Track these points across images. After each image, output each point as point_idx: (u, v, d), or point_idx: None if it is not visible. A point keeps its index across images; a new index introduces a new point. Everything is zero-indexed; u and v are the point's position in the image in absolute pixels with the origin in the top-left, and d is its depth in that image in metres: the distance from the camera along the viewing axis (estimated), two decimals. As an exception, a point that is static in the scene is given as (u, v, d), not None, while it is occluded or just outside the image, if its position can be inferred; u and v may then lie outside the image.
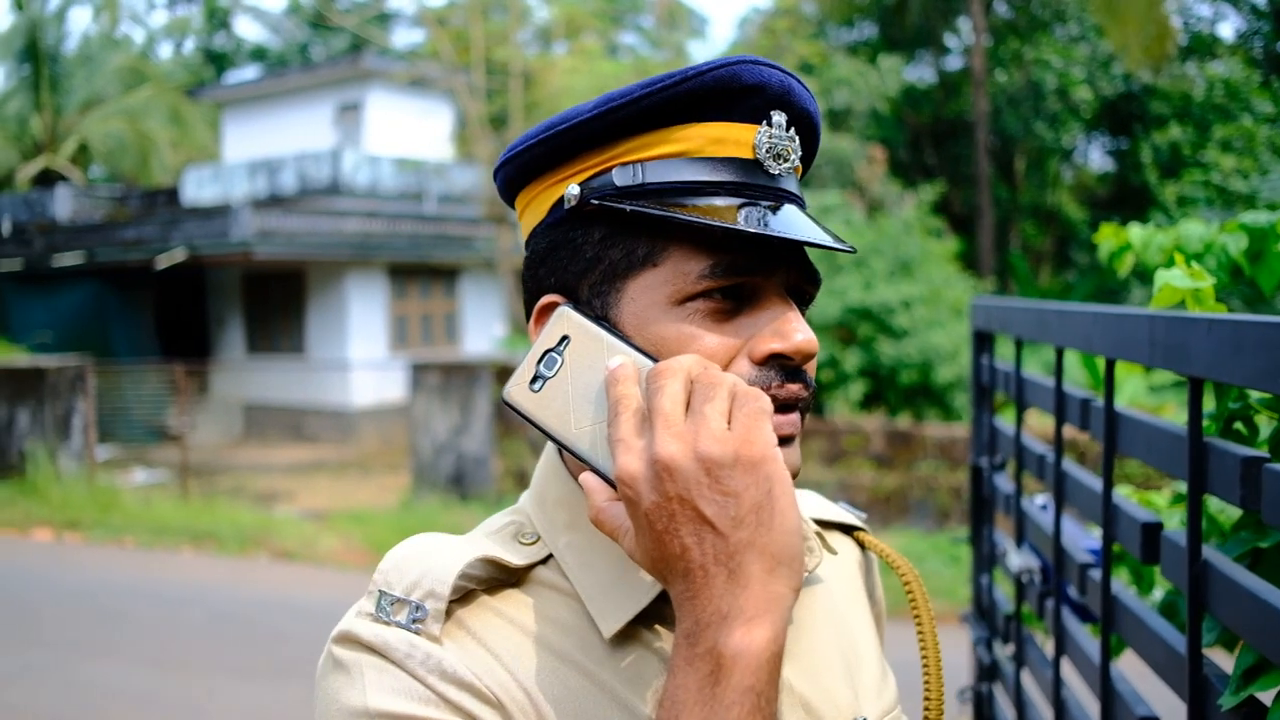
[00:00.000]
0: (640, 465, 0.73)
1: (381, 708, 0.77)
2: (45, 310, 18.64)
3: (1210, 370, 1.07)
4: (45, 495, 11.52)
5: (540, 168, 0.90)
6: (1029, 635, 2.04)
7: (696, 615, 0.71)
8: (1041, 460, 1.90)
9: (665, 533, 0.72)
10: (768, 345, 0.84)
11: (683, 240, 0.84)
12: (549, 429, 0.84)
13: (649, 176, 0.85)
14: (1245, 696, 1.07)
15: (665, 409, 0.74)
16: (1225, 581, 1.09)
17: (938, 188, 18.11)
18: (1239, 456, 1.05)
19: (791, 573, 0.72)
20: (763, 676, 0.69)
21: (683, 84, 0.84)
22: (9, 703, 5.85)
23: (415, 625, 0.81)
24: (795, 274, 0.88)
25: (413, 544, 0.87)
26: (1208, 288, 1.26)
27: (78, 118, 26.11)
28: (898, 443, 10.60)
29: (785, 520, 0.72)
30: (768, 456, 0.72)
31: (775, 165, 0.87)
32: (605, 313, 0.87)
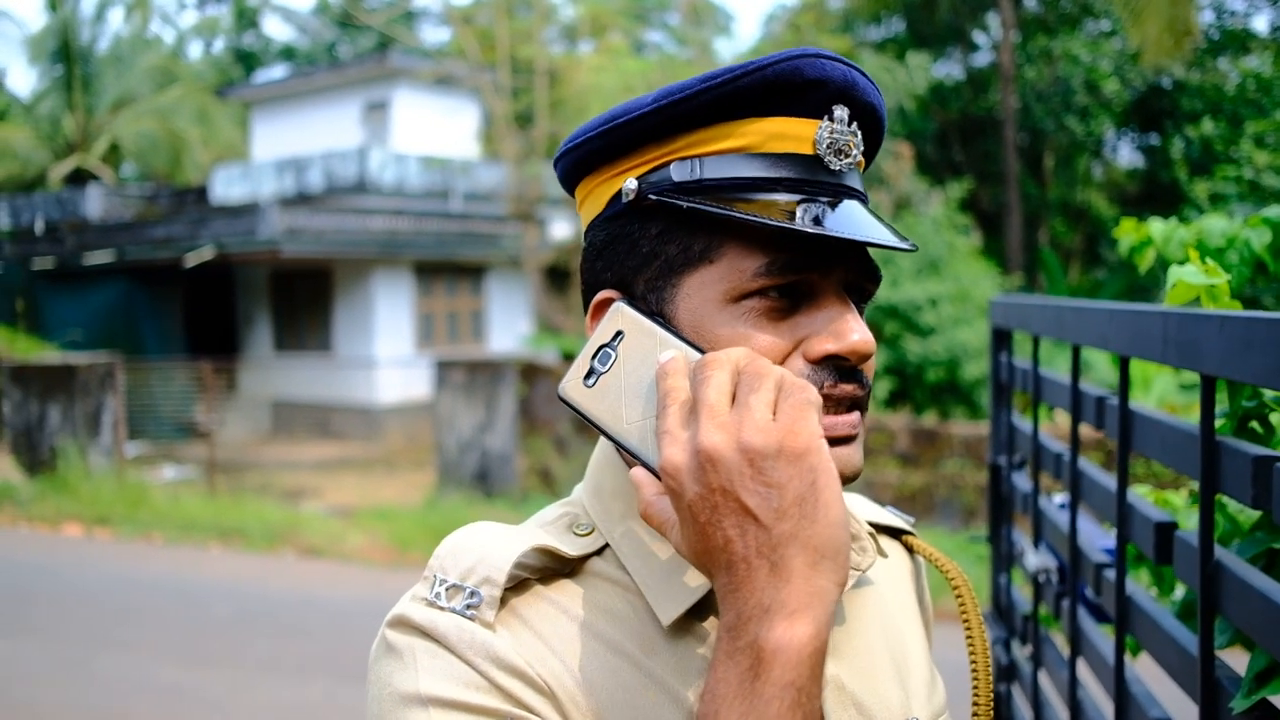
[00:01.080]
0: (684, 456, 0.73)
1: (434, 693, 0.77)
2: (76, 308, 18.85)
3: (1222, 368, 1.05)
4: (75, 491, 11.64)
5: (599, 160, 0.90)
6: (1046, 636, 2.02)
7: (738, 608, 0.70)
8: (1059, 459, 1.88)
9: (708, 524, 0.71)
10: (823, 345, 0.83)
11: (739, 237, 0.84)
12: (601, 423, 0.84)
13: (707, 172, 0.84)
14: (1257, 700, 1.05)
15: (710, 400, 0.73)
16: (1237, 583, 1.07)
17: (965, 185, 18.00)
18: (1250, 455, 1.03)
19: (836, 566, 0.71)
20: (804, 672, 0.68)
21: (743, 78, 0.83)
22: (36, 696, 5.91)
23: (470, 611, 0.81)
24: (854, 272, 0.87)
25: (469, 531, 0.87)
26: (1223, 284, 1.24)
27: (109, 117, 26.35)
28: (923, 441, 10.54)
29: (829, 513, 0.70)
30: (812, 448, 0.71)
31: (837, 161, 0.85)
32: (660, 308, 0.86)
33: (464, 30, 18.18)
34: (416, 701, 0.77)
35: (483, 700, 0.77)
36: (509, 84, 17.14)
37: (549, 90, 17.03)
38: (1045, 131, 22.77)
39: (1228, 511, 1.50)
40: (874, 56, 22.02)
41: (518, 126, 17.43)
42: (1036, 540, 2.06)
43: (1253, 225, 2.10)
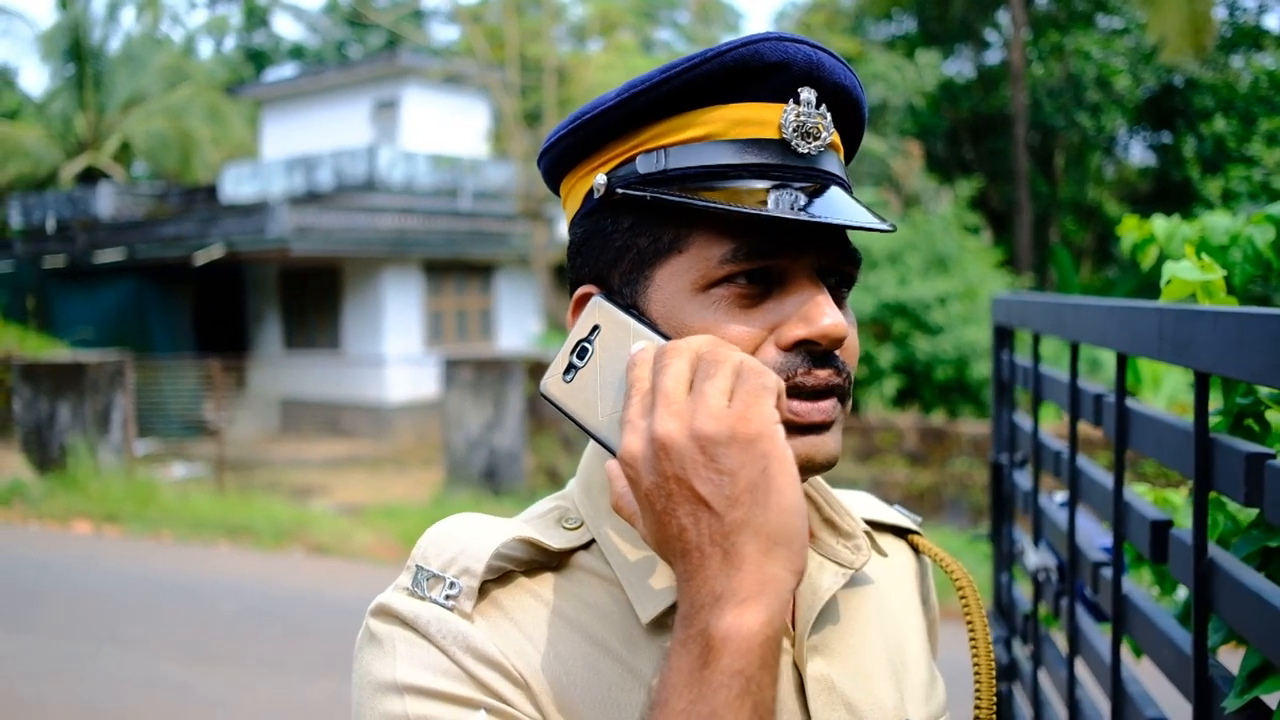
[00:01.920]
0: (641, 445, 0.72)
1: (410, 681, 0.78)
2: (87, 306, 18.92)
3: (1216, 365, 1.05)
4: (85, 489, 11.68)
5: (573, 158, 0.90)
6: (1046, 635, 2.01)
7: (692, 596, 0.70)
8: (1059, 457, 1.87)
9: (664, 513, 0.71)
10: (794, 331, 0.82)
11: (706, 226, 0.83)
12: (579, 418, 0.84)
13: (672, 162, 0.83)
14: (1250, 699, 1.04)
15: (666, 388, 0.73)
16: (1230, 581, 1.06)
17: (975, 183, 17.95)
18: (1243, 453, 1.02)
19: (790, 554, 0.69)
20: (753, 660, 0.67)
21: (702, 66, 0.82)
22: (45, 693, 5.93)
23: (449, 601, 0.81)
24: (828, 255, 0.85)
25: (452, 522, 0.88)
26: (1218, 280, 1.23)
27: (120, 116, 26.44)
28: (931, 439, 10.52)
29: (783, 499, 0.69)
30: (764, 434, 0.70)
31: (805, 144, 0.84)
32: (635, 301, 0.86)
33: (473, 29, 18.21)
34: (394, 689, 0.78)
35: (457, 689, 0.77)
36: (518, 82, 17.16)
37: (558, 89, 17.04)
38: (1056, 129, 22.69)
39: (1228, 510, 1.49)
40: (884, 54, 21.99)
41: (527, 125, 17.44)
42: (1036, 539, 2.05)
43: (1256, 222, 2.08)
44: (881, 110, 20.70)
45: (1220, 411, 1.23)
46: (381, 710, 0.78)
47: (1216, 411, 1.24)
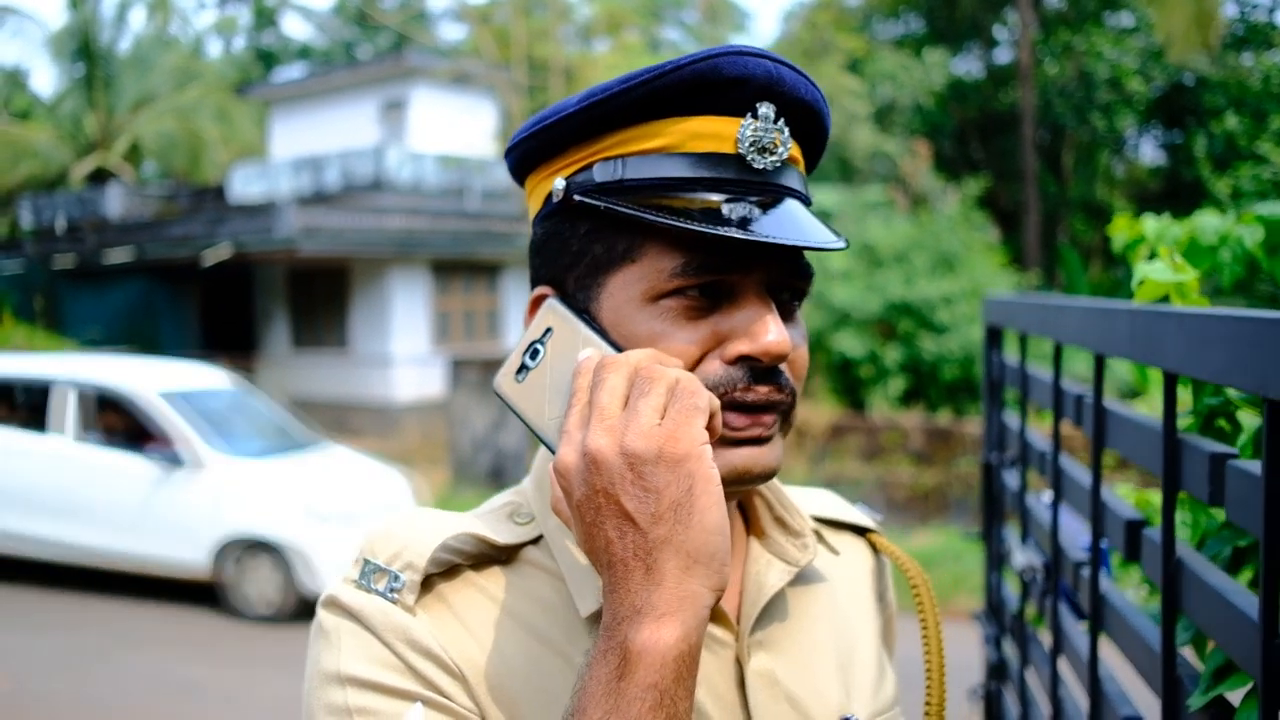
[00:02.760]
0: (574, 457, 0.74)
1: (353, 672, 0.80)
2: (96, 306, 19.00)
3: (1182, 365, 1.05)
4: (93, 487, 11.71)
5: (535, 160, 0.92)
6: (1033, 634, 2.02)
7: (614, 608, 0.72)
8: (1044, 457, 1.88)
9: (592, 525, 0.73)
10: (738, 346, 0.84)
11: (659, 238, 0.84)
12: (526, 418, 0.86)
13: (629, 172, 0.85)
14: (1213, 697, 1.05)
15: (602, 403, 0.75)
16: (1197, 581, 1.07)
17: (982, 182, 17.92)
18: (1207, 453, 1.03)
19: (709, 572, 0.72)
20: (668, 674, 0.69)
21: (661, 79, 0.83)
22: (55, 690, 5.97)
23: (392, 594, 0.83)
24: (779, 270, 0.87)
25: (402, 517, 0.89)
26: (1191, 280, 1.23)
27: (130, 116, 26.52)
28: (937, 439, 10.51)
29: (705, 519, 0.71)
30: (691, 454, 0.72)
31: (761, 159, 0.85)
32: (588, 305, 0.87)
33: (480, 29, 18.23)
34: (336, 680, 0.80)
35: (396, 681, 0.80)
36: (525, 82, 17.17)
37: (565, 88, 17.05)
38: (1066, 128, 22.63)
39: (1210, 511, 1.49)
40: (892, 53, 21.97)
41: (534, 125, 17.44)
42: (1023, 538, 2.06)
43: (1245, 222, 2.09)
44: (889, 109, 20.67)
45: (1191, 411, 1.23)
46: (325, 700, 0.80)
47: (1189, 412, 1.25)
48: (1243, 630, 0.93)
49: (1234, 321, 0.92)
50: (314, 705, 0.81)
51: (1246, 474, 0.94)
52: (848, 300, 12.81)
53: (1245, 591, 0.99)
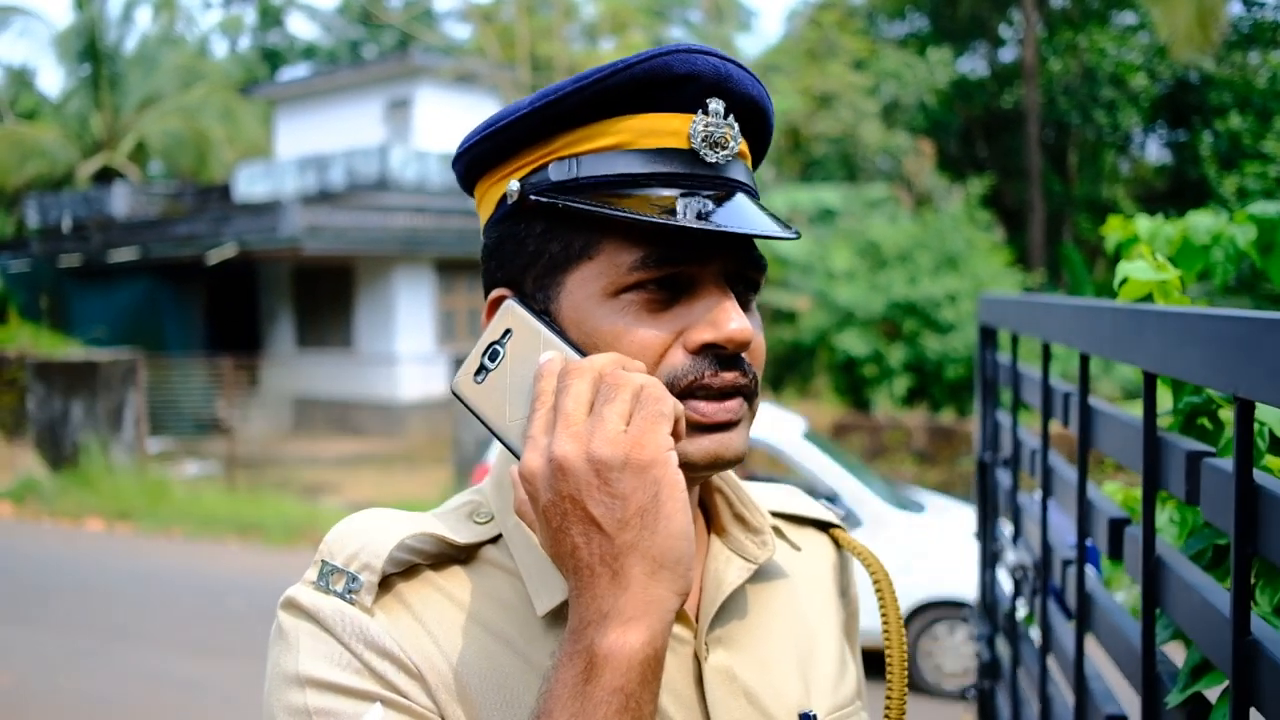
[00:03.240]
0: (540, 463, 0.75)
1: (312, 674, 0.80)
2: (102, 305, 19.03)
3: (1160, 364, 1.06)
4: (98, 486, 11.76)
5: (487, 164, 0.92)
6: (1024, 632, 2.02)
7: (580, 613, 0.73)
8: (1035, 455, 1.88)
9: (559, 530, 0.74)
10: (700, 335, 0.85)
11: (615, 233, 0.85)
12: (487, 420, 0.86)
13: (584, 170, 0.85)
14: (1191, 694, 1.05)
15: (567, 409, 0.75)
16: (1174, 578, 1.08)
17: (987, 181, 17.89)
18: (1184, 451, 1.04)
19: (674, 577, 0.73)
20: (634, 678, 0.70)
21: (611, 77, 0.84)
22: (57, 686, 5.99)
23: (350, 595, 0.83)
24: (734, 261, 0.88)
25: (360, 517, 0.90)
26: (1173, 280, 1.24)
27: (135, 116, 26.55)
28: (940, 438, 10.50)
29: (670, 524, 0.72)
30: (658, 460, 0.73)
31: (713, 154, 0.86)
32: (547, 305, 0.88)
33: (485, 28, 18.24)
34: (296, 682, 0.81)
35: (355, 682, 0.80)
36: (530, 81, 17.18)
37: (569, 88, 17.05)
38: (1071, 127, 22.59)
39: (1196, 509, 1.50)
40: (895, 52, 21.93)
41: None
42: (1015, 537, 2.06)
43: (1239, 222, 2.09)
44: (893, 108, 20.64)
45: (1173, 411, 1.24)
46: (285, 702, 0.81)
47: (1173, 411, 1.25)
48: (1216, 627, 0.94)
49: (1206, 320, 0.92)
50: (274, 706, 0.82)
51: (1220, 472, 0.94)
52: (851, 300, 12.80)
53: (1220, 589, 1.00)
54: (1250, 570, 0.87)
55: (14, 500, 11.73)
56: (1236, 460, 0.87)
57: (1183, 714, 1.06)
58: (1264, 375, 0.79)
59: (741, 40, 29.29)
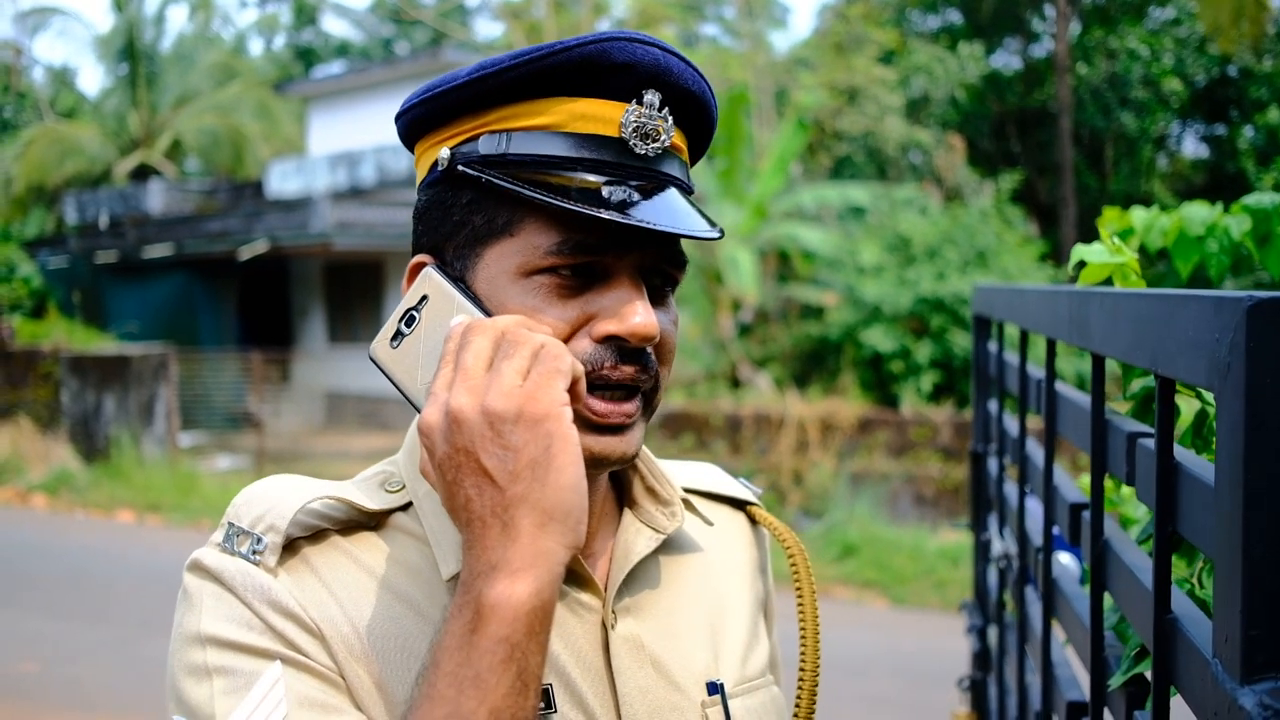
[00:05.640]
0: (438, 416, 0.76)
1: (213, 632, 0.82)
2: (137, 300, 19.29)
3: (1102, 345, 1.06)
4: (129, 479, 11.93)
5: (424, 127, 0.93)
6: (1010, 622, 2.01)
7: (471, 564, 0.74)
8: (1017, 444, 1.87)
9: (453, 483, 0.75)
10: (606, 326, 0.86)
11: (538, 214, 0.85)
12: (400, 383, 0.88)
13: (514, 147, 0.86)
14: (1132, 676, 1.05)
15: (467, 364, 0.77)
16: (1117, 561, 1.07)
17: (1017, 176, 17.73)
18: (1125, 432, 1.03)
19: (565, 529, 0.74)
20: (519, 628, 0.71)
21: (549, 58, 0.85)
22: (79, 677, 6.09)
23: (255, 556, 0.85)
24: (653, 255, 0.88)
25: (268, 482, 0.91)
26: (1130, 262, 1.23)
27: (172, 114, 26.84)
28: (966, 434, 10.42)
29: (561, 477, 0.74)
30: (551, 414, 0.74)
31: (643, 145, 0.87)
32: (464, 275, 0.89)
33: (515, 25, 18.31)
34: (197, 641, 0.82)
35: (255, 640, 0.81)
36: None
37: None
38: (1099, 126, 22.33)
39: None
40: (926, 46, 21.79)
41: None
42: (1001, 527, 2.05)
43: (1234, 213, 2.07)
44: (923, 103, 20.51)
45: (1126, 395, 1.23)
46: (187, 661, 0.82)
47: (1125, 395, 1.25)
48: (1146, 606, 0.94)
49: (1134, 300, 0.92)
50: (175, 667, 0.83)
51: (1149, 451, 0.94)
52: (878, 295, 12.73)
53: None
54: (1169, 547, 0.87)
55: (48, 492, 11.91)
56: (1158, 438, 0.86)
57: (1125, 696, 1.05)
58: (1178, 352, 0.79)
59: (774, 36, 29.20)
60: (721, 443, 11.63)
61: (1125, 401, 1.25)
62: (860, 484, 10.36)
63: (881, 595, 8.41)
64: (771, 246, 14.26)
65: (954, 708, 2.45)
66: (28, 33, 29.75)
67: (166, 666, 0.86)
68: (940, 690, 6.09)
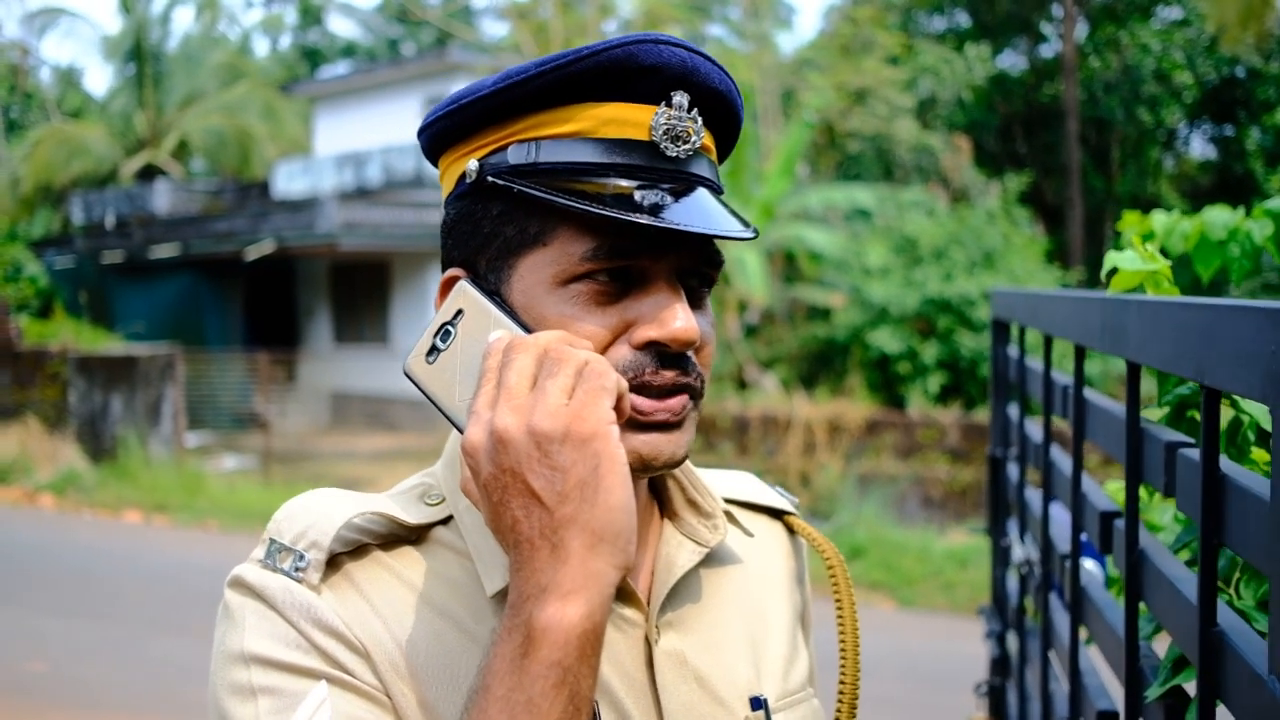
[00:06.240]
0: (482, 436, 0.75)
1: (257, 651, 0.80)
2: (143, 300, 19.32)
3: (1139, 354, 1.05)
4: (136, 479, 11.94)
5: (449, 140, 0.91)
6: (1032, 628, 2.00)
7: (520, 587, 0.73)
8: (1039, 450, 1.86)
9: (499, 504, 0.74)
10: (646, 332, 0.84)
11: (570, 221, 0.84)
12: (437, 399, 0.86)
13: (543, 155, 0.85)
14: (1171, 688, 1.04)
15: (510, 383, 0.75)
16: (1155, 571, 1.06)
17: (1024, 177, 17.71)
18: (1163, 442, 1.02)
19: (615, 550, 0.73)
20: (571, 652, 0.70)
21: (576, 64, 0.84)
22: (86, 676, 6.09)
23: (297, 573, 0.83)
24: (689, 257, 0.87)
25: (309, 496, 0.90)
26: (1163, 269, 1.22)
27: (178, 114, 26.84)
28: (974, 436, 10.41)
29: (610, 497, 0.72)
30: (598, 433, 0.73)
31: (674, 147, 0.86)
32: (499, 288, 0.88)
33: (521, 25, 18.30)
34: (241, 659, 0.81)
35: (300, 660, 0.80)
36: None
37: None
38: (1112, 123, 22.30)
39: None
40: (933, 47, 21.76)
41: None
42: (1022, 532, 2.04)
43: (1256, 217, 2.06)
44: (930, 104, 20.48)
45: (1161, 403, 1.22)
46: (230, 680, 0.81)
47: (1160, 403, 1.24)
48: (1189, 618, 0.93)
49: (1178, 309, 0.91)
50: (218, 685, 0.82)
51: (1193, 463, 0.93)
52: (885, 296, 12.72)
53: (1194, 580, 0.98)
54: (1215, 560, 0.86)
55: (55, 492, 11.92)
56: (1204, 449, 0.85)
57: (1163, 708, 1.04)
58: (1226, 363, 0.78)
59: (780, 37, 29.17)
60: (728, 444, 11.61)
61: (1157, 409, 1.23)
62: (868, 485, 10.34)
63: (889, 597, 8.40)
64: (778, 248, 14.25)
65: (971, 713, 2.44)
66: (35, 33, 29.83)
67: (208, 687, 0.84)
68: (948, 692, 6.08)
